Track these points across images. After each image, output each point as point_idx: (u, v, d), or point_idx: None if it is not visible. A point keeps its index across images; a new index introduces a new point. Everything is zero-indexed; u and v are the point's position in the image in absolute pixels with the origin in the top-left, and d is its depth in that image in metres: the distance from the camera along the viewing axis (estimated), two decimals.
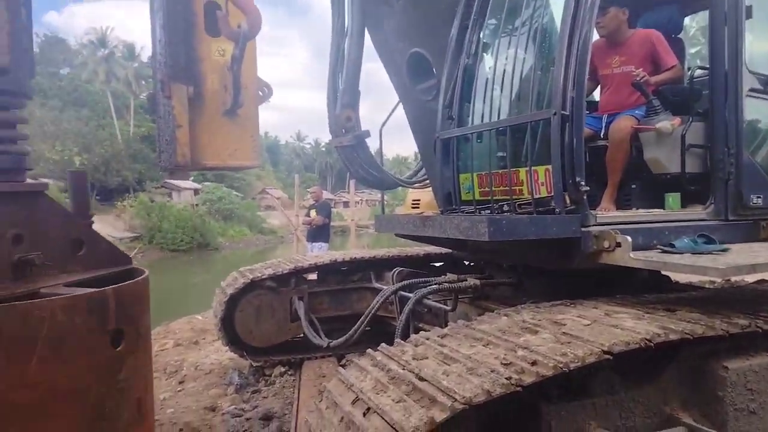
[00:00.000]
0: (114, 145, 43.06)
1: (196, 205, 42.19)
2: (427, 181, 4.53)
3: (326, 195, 15.35)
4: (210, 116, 2.92)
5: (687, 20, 4.70)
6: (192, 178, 45.20)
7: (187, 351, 6.36)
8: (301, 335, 4.99)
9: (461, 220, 3.06)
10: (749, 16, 3.38)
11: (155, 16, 2.90)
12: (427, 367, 2.08)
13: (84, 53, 55.75)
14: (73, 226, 2.55)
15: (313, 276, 5.30)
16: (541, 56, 3.14)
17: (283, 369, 5.10)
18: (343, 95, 4.18)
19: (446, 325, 2.72)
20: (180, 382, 5.24)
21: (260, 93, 3.14)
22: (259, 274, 4.85)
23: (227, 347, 5.04)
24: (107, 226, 31.87)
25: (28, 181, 2.47)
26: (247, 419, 4.21)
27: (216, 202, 43.00)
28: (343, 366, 3.80)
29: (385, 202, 5.57)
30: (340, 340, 4.27)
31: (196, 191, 45.37)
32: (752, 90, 3.38)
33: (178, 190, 45.11)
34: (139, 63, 56.98)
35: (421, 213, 4.52)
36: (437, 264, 5.18)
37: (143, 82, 55.26)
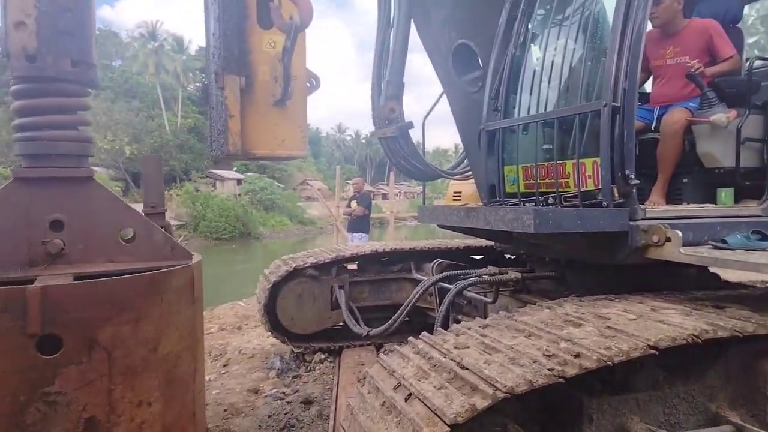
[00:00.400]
0: (162, 136, 44.56)
1: (239, 195, 43.08)
2: (469, 173, 4.52)
3: (366, 187, 15.40)
4: (260, 107, 2.99)
5: (745, 9, 4.50)
6: (235, 168, 46.23)
7: (231, 335, 6.56)
8: (341, 323, 5.08)
9: (506, 212, 3.05)
10: None
11: (209, 9, 2.99)
12: (469, 356, 2.10)
13: (135, 46, 57.55)
14: (124, 215, 2.42)
15: (353, 266, 5.37)
16: (592, 47, 3.09)
17: (323, 356, 5.20)
18: (388, 87, 4.20)
19: (486, 317, 2.73)
20: (224, 365, 5.42)
21: (308, 84, 3.20)
22: (302, 263, 4.95)
23: (269, 333, 5.18)
24: None
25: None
26: (288, 402, 4.33)
27: (258, 192, 43.76)
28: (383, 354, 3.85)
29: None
30: (380, 329, 4.31)
31: (239, 181, 46.33)
32: None
33: (222, 180, 46.20)
34: (187, 56, 58.55)
35: (464, 205, 4.52)
36: (477, 257, 5.16)
37: (191, 75, 56.78)
